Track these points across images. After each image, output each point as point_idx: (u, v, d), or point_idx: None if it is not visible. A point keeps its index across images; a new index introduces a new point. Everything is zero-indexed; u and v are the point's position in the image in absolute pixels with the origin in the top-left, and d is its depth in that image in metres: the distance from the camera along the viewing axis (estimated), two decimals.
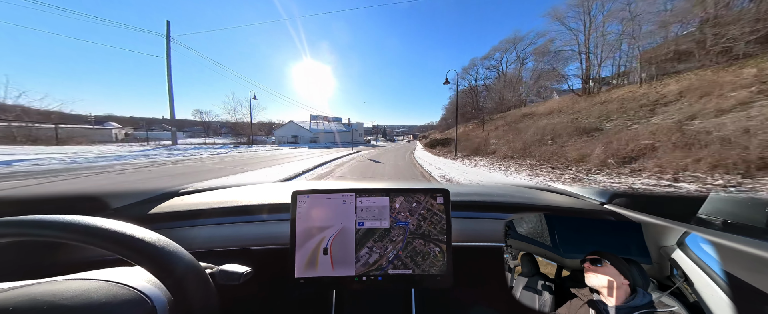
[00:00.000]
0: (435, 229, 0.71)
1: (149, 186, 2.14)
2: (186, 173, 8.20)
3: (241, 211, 1.01)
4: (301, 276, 0.68)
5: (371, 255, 0.70)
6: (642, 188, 5.64)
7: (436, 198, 0.73)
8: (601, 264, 0.61)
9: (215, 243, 0.87)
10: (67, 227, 0.44)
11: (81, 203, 0.97)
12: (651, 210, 0.86)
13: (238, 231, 0.92)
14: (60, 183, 5.68)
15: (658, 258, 0.62)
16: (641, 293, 0.59)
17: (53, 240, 0.43)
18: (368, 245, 0.70)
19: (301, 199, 0.72)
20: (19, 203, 0.94)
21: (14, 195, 1.11)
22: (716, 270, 0.53)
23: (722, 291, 0.52)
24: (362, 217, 0.72)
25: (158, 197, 1.10)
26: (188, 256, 0.52)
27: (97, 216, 0.48)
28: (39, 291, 0.42)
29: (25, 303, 0.39)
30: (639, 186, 5.81)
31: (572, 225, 0.69)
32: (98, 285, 0.46)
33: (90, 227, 0.45)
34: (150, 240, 0.48)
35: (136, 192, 1.08)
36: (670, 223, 0.74)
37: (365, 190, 0.74)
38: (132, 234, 0.47)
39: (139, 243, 0.46)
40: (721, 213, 0.72)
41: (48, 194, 1.20)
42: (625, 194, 1.01)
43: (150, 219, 0.96)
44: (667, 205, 0.96)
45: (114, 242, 0.45)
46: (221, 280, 0.57)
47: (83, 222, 0.45)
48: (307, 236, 0.70)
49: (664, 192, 4.87)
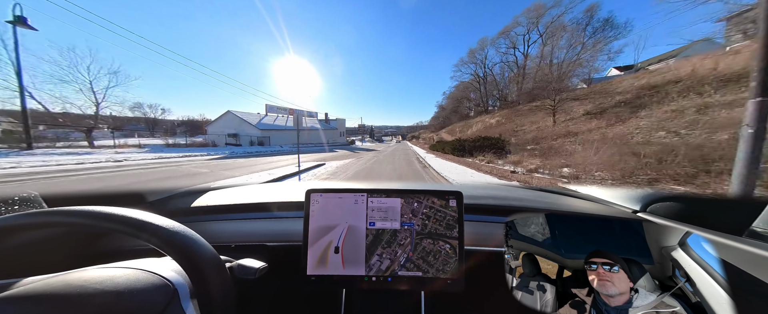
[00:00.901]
0: (441, 226, 0.71)
1: (182, 183, 2.30)
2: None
3: (258, 208, 1.09)
4: (312, 273, 0.70)
5: (383, 262, 0.71)
6: (681, 191, 4.75)
7: (448, 201, 0.73)
8: (603, 265, 0.62)
9: (235, 237, 0.93)
10: (108, 217, 0.50)
11: (122, 198, 1.09)
12: (696, 220, 0.74)
13: (255, 227, 0.98)
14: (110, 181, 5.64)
15: (659, 258, 0.62)
16: (643, 294, 0.60)
17: (95, 228, 0.50)
18: (378, 253, 0.71)
19: (315, 198, 0.75)
20: (69, 200, 1.05)
21: (67, 192, 1.24)
22: (718, 271, 0.54)
23: (725, 291, 0.52)
24: (373, 217, 0.73)
25: (189, 192, 1.21)
26: (210, 249, 0.56)
27: (133, 208, 0.54)
28: (73, 278, 0.47)
29: (60, 288, 0.44)
30: (681, 188, 4.78)
31: (573, 224, 0.70)
32: (126, 272, 0.51)
33: (124, 217, 0.50)
34: (175, 230, 0.53)
35: (170, 188, 1.19)
36: (715, 233, 0.64)
37: (377, 191, 0.75)
38: (159, 223, 0.52)
39: (164, 231, 0.51)
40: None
41: (97, 192, 1.35)
42: (662, 199, 0.87)
43: (181, 212, 1.06)
44: (715, 214, 0.80)
45: (142, 229, 0.50)
46: (239, 274, 0.61)
47: (119, 213, 0.51)
48: (320, 234, 0.73)
49: (712, 195, 4.00)
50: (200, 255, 0.52)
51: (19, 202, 0.67)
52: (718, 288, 0.53)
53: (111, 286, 0.47)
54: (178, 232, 0.53)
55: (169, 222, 0.54)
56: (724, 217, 0.75)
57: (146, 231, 0.50)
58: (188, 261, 0.51)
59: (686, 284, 0.58)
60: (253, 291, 0.79)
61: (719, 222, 0.69)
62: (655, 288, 0.60)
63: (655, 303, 0.58)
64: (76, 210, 0.50)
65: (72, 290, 0.44)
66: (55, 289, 0.43)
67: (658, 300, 0.58)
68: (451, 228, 0.71)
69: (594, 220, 0.68)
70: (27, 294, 0.41)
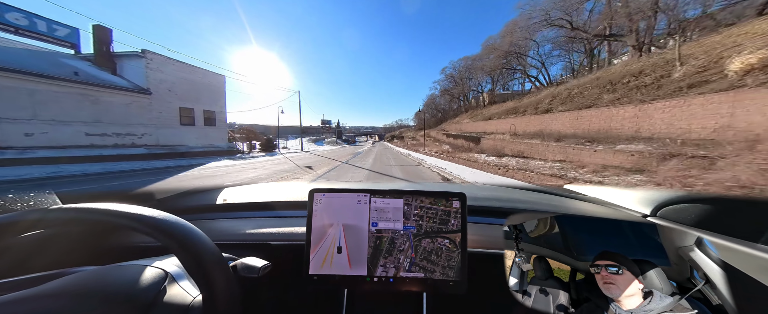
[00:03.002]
0: (442, 226, 0.71)
1: (195, 184, 2.38)
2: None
3: (262, 207, 1.10)
4: (314, 272, 0.70)
5: (388, 270, 0.70)
6: (695, 192, 4.36)
7: (452, 202, 0.72)
8: (607, 267, 0.60)
9: (239, 235, 0.94)
10: (111, 213, 0.52)
11: (132, 196, 1.11)
12: (711, 224, 0.68)
13: (259, 226, 0.98)
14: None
15: (676, 259, 0.60)
16: (658, 296, 0.57)
17: (101, 223, 0.53)
18: (381, 263, 0.71)
19: (318, 198, 0.75)
20: (84, 198, 1.09)
21: (86, 192, 1.33)
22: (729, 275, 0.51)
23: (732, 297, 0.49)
24: (376, 218, 0.73)
25: (197, 191, 1.24)
26: (212, 245, 0.56)
27: (142, 206, 0.55)
28: (85, 275, 0.54)
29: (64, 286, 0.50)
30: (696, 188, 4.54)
31: (584, 225, 0.67)
32: (125, 267, 0.57)
33: (132, 214, 0.52)
34: (176, 225, 0.53)
35: (177, 187, 1.22)
36: (731, 241, 0.58)
37: (380, 191, 0.75)
38: (159, 217, 0.53)
39: (164, 225, 0.52)
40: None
41: (109, 191, 1.43)
42: (674, 201, 0.82)
43: (187, 210, 1.08)
44: (732, 217, 0.75)
45: (140, 222, 0.51)
46: (242, 272, 0.62)
47: (128, 210, 0.52)
48: (322, 234, 0.72)
49: (727, 195, 3.46)
50: (202, 251, 0.52)
51: (34, 199, 0.76)
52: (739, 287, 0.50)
53: (111, 280, 0.53)
54: (180, 227, 0.53)
55: (170, 217, 0.54)
56: (742, 220, 0.70)
57: (145, 225, 0.51)
58: (190, 256, 0.51)
59: (706, 286, 0.55)
60: (257, 289, 0.79)
61: (736, 226, 0.64)
62: (673, 291, 0.57)
63: (672, 306, 0.56)
64: (75, 208, 0.52)
65: (87, 283, 0.51)
66: (62, 287, 0.49)
67: (675, 303, 0.56)
68: (450, 225, 0.71)
69: (606, 220, 0.66)
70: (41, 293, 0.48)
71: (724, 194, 4.01)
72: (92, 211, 0.51)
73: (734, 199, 1.10)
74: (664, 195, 0.84)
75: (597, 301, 0.62)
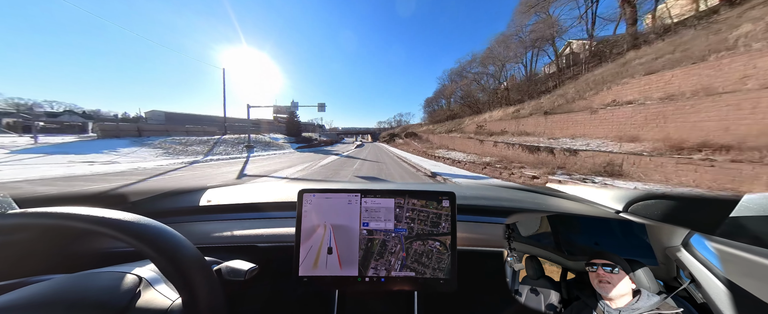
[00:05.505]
0: (433, 226, 0.71)
1: (171, 185, 2.24)
2: None
3: (249, 208, 1.05)
4: (304, 274, 0.68)
5: (379, 271, 0.69)
6: (661, 189, 4.80)
7: (442, 201, 0.72)
8: (604, 266, 0.61)
9: (223, 238, 0.89)
10: (77, 217, 0.46)
11: (101, 198, 1.02)
12: (673, 219, 0.75)
13: (245, 227, 0.94)
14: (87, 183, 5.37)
15: (663, 258, 0.61)
16: (646, 295, 0.58)
17: (63, 228, 0.47)
18: (372, 265, 0.70)
19: (307, 198, 0.73)
20: (44, 201, 0.99)
21: (49, 194, 1.20)
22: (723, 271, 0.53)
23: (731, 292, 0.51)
24: (367, 218, 0.72)
25: (175, 193, 1.15)
26: (193, 249, 0.53)
27: (112, 209, 0.50)
28: (50, 283, 0.50)
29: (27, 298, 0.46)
30: (661, 187, 4.88)
31: (576, 225, 0.68)
32: (95, 274, 0.53)
33: (96, 217, 0.46)
34: (150, 228, 0.49)
35: (156, 189, 1.13)
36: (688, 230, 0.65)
37: (371, 191, 0.74)
38: (128, 220, 0.48)
39: (136, 228, 0.48)
40: (754, 223, 0.58)
41: (77, 193, 1.30)
42: (642, 198, 0.90)
43: (165, 213, 1.00)
44: (692, 212, 0.82)
45: (110, 227, 0.47)
46: (227, 276, 0.59)
47: (91, 213, 0.47)
48: (312, 235, 0.71)
49: (689, 193, 4.04)
50: (179, 255, 0.49)
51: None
52: (724, 288, 0.52)
53: (79, 288, 0.49)
54: (151, 229, 0.49)
55: (141, 218, 0.50)
56: (701, 214, 0.77)
57: (111, 228, 0.46)
58: (165, 259, 0.47)
59: (691, 285, 0.56)
60: (244, 293, 0.76)
61: (695, 219, 0.71)
62: (660, 290, 0.59)
63: (659, 304, 0.57)
64: (30, 213, 0.47)
65: (41, 298, 0.45)
66: (23, 299, 0.45)
67: (661, 301, 0.57)
68: (441, 227, 0.71)
69: (597, 221, 0.67)
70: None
71: (687, 192, 4.34)
72: (49, 215, 0.46)
73: (695, 197, 1.18)
74: (635, 193, 0.91)
75: (586, 300, 0.63)
